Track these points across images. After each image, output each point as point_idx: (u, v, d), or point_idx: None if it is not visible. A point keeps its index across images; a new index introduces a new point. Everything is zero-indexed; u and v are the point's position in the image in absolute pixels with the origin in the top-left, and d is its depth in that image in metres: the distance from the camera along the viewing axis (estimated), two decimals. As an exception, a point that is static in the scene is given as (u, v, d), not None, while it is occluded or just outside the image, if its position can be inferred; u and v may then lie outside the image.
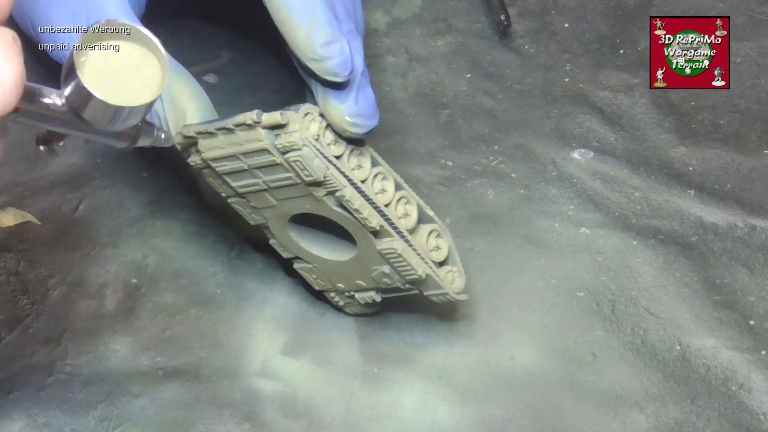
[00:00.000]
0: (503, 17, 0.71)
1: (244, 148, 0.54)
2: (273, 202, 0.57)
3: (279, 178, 0.55)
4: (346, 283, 0.60)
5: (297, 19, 0.53)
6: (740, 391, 0.59)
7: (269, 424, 0.58)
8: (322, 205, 0.56)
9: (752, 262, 0.63)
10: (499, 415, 0.59)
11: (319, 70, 0.54)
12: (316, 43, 0.53)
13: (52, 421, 0.58)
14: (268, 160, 0.54)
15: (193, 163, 0.56)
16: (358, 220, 0.55)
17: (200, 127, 0.55)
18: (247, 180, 0.56)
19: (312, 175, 0.54)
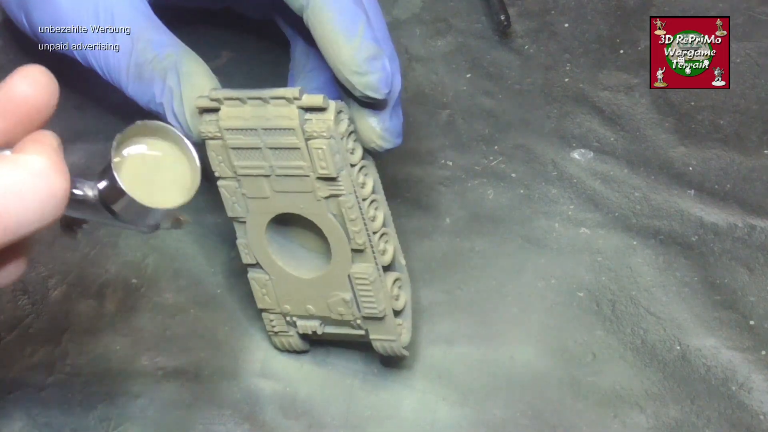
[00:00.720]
0: (503, 17, 0.71)
1: (269, 123, 0.54)
2: (267, 194, 0.55)
3: (290, 166, 0.54)
4: (295, 305, 0.58)
5: (343, 32, 0.54)
6: (740, 391, 0.59)
7: (269, 424, 0.58)
8: (316, 208, 0.55)
9: (752, 262, 0.63)
10: (499, 415, 0.59)
11: (360, 84, 0.54)
12: (361, 57, 0.54)
13: (52, 421, 0.58)
14: (289, 142, 0.54)
15: (203, 132, 0.55)
16: (346, 234, 0.55)
17: (232, 93, 0.54)
18: (253, 161, 0.55)
19: (328, 168, 0.54)
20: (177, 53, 0.56)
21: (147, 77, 0.56)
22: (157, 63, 0.56)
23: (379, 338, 0.58)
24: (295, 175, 0.54)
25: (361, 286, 0.56)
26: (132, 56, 0.57)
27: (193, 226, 0.64)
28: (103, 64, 0.58)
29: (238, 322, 0.61)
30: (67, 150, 0.65)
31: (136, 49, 0.56)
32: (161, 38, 0.57)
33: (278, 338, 0.60)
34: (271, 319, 0.59)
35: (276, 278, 0.58)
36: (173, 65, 0.56)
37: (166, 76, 0.56)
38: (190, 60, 0.56)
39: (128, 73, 0.57)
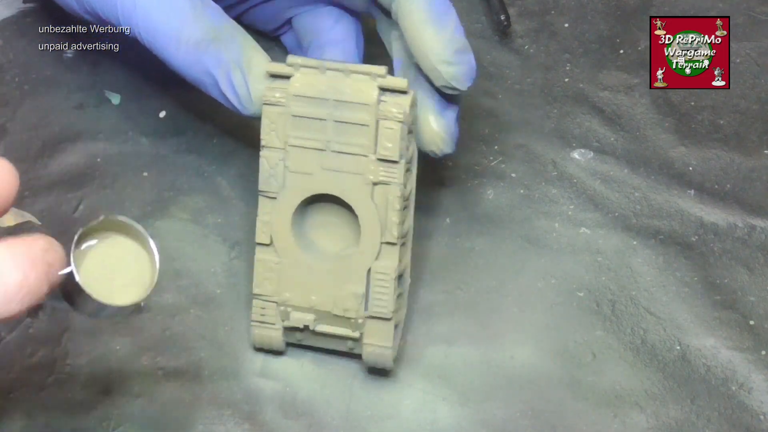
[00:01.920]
0: (503, 17, 0.71)
1: (344, 96, 0.54)
2: (313, 169, 0.55)
3: (350, 143, 0.55)
4: (297, 294, 0.57)
5: (436, 22, 0.56)
6: (740, 391, 0.59)
7: (269, 424, 0.58)
8: (361, 192, 0.55)
9: (752, 262, 0.63)
10: (499, 415, 0.59)
11: (448, 74, 0.56)
12: (452, 48, 0.56)
13: (52, 421, 0.58)
14: (359, 118, 0.54)
15: (266, 96, 0.55)
16: (383, 225, 0.55)
17: (312, 61, 0.55)
18: (312, 132, 0.55)
19: (392, 150, 0.54)
20: (231, 26, 0.57)
21: (202, 47, 0.56)
22: (213, 33, 0.56)
23: (373, 343, 0.57)
24: (353, 153, 0.55)
25: (380, 283, 0.56)
26: (185, 27, 0.57)
27: (194, 226, 0.64)
28: (152, 35, 0.57)
29: (238, 322, 0.61)
30: (67, 150, 0.65)
31: (189, 19, 0.56)
32: (213, 12, 0.57)
33: (260, 330, 0.58)
34: (262, 307, 0.58)
35: (287, 262, 0.57)
36: (229, 37, 0.56)
37: (221, 48, 0.56)
38: (245, 34, 0.57)
39: (181, 42, 0.57)
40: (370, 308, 0.57)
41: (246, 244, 0.63)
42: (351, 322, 0.57)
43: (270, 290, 0.57)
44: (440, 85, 0.57)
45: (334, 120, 0.55)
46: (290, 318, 0.57)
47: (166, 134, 0.67)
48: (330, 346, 0.58)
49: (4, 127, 0.66)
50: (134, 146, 0.66)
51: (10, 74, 0.68)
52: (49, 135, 0.66)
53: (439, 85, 0.57)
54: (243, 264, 0.63)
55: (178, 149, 0.66)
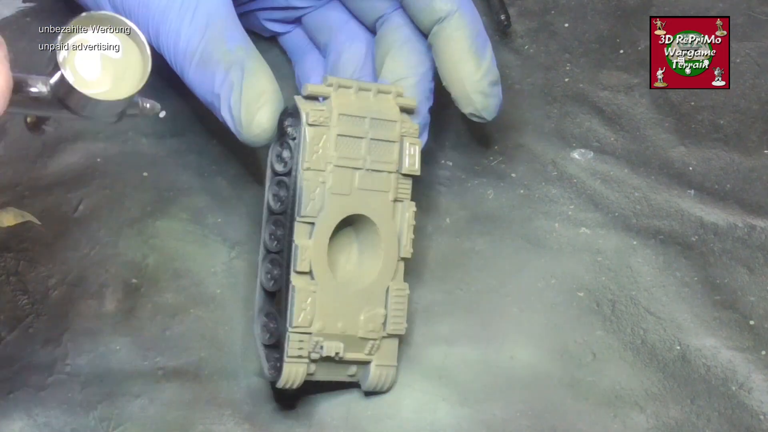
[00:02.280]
0: (503, 17, 0.71)
1: (376, 113, 0.56)
2: (350, 189, 0.56)
3: (382, 160, 0.56)
4: (326, 322, 0.56)
5: (477, 53, 0.60)
6: (740, 391, 0.59)
7: (269, 424, 0.58)
8: (386, 210, 0.57)
9: (752, 262, 0.63)
10: (499, 415, 0.59)
11: (481, 104, 0.60)
12: (487, 80, 0.60)
13: (52, 421, 0.58)
14: (389, 135, 0.57)
15: (314, 117, 0.55)
16: (400, 241, 0.57)
17: (349, 81, 0.57)
18: (353, 151, 0.56)
19: (416, 166, 0.57)
20: (246, 50, 0.57)
21: (211, 66, 0.57)
22: (226, 55, 0.57)
23: (383, 364, 0.58)
24: (383, 170, 0.57)
25: (397, 300, 0.57)
26: (202, 43, 0.57)
27: (194, 226, 0.64)
28: (173, 47, 0.58)
29: (238, 322, 0.61)
30: (67, 150, 0.65)
31: (208, 38, 0.57)
32: (234, 33, 0.57)
33: (292, 366, 0.56)
34: (300, 340, 0.56)
35: (321, 289, 0.56)
36: (240, 60, 0.56)
37: (230, 69, 0.56)
38: (257, 60, 0.57)
39: (194, 58, 0.57)
40: (389, 326, 0.57)
41: (246, 244, 0.63)
42: (369, 345, 0.57)
43: (307, 321, 0.56)
44: (468, 113, 0.60)
45: (370, 138, 0.56)
46: (324, 348, 0.56)
47: (166, 134, 0.67)
48: (335, 377, 0.58)
49: (4, 127, 0.66)
50: (134, 146, 0.66)
51: (10, 74, 0.68)
52: (49, 135, 0.66)
53: (467, 112, 0.60)
54: (243, 264, 0.63)
55: (178, 149, 0.66)
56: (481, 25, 0.60)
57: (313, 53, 0.67)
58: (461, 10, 0.60)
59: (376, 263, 0.57)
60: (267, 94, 0.56)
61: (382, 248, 0.57)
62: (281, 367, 0.55)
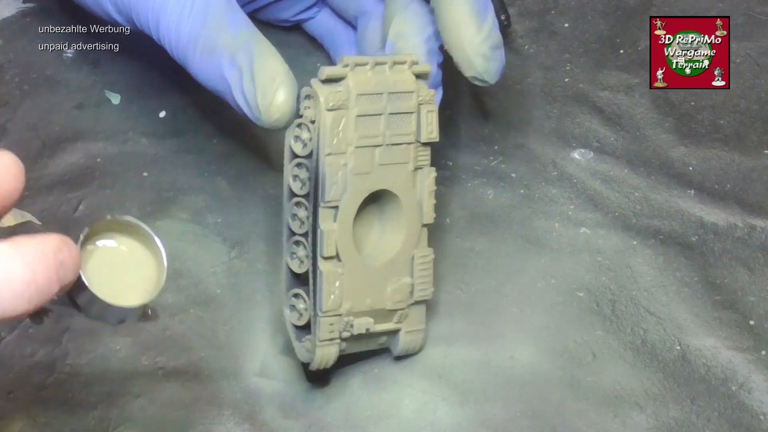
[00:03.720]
0: (503, 17, 0.71)
1: (393, 87, 0.56)
2: (371, 167, 0.55)
3: (401, 132, 0.56)
4: (355, 301, 0.56)
5: (476, 16, 0.58)
6: (740, 391, 0.59)
7: (269, 424, 0.58)
8: (407, 181, 0.56)
9: (752, 262, 0.63)
10: (499, 415, 0.59)
11: (482, 67, 0.58)
12: (489, 44, 0.58)
13: (52, 421, 0.58)
14: (407, 107, 0.56)
15: (331, 101, 0.54)
16: (422, 208, 0.57)
17: (360, 58, 0.56)
18: (372, 129, 0.55)
19: (434, 133, 0.57)
20: (250, 34, 0.56)
21: (217, 53, 0.56)
22: (230, 40, 0.56)
23: (412, 329, 0.58)
24: (403, 143, 0.56)
25: (422, 267, 0.57)
26: (204, 31, 0.56)
27: (194, 226, 0.64)
28: (174, 37, 0.57)
29: (238, 322, 0.61)
30: (67, 150, 0.65)
31: (210, 25, 0.56)
32: (236, 17, 0.57)
33: (325, 348, 0.56)
34: (330, 323, 0.56)
35: (349, 270, 0.56)
36: (245, 44, 0.56)
37: (237, 54, 0.56)
38: (263, 42, 0.56)
39: (197, 47, 0.56)
40: (415, 293, 0.57)
41: (246, 244, 0.63)
42: (398, 314, 0.58)
43: (336, 304, 0.56)
44: (470, 76, 0.59)
45: (389, 113, 0.56)
46: (354, 327, 0.56)
47: (166, 134, 0.67)
48: (366, 348, 0.58)
49: (4, 127, 0.66)
50: (134, 146, 0.66)
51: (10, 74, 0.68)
52: (49, 135, 0.66)
53: (468, 75, 0.59)
54: (243, 264, 0.63)
55: (178, 149, 0.66)
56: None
57: (346, 30, 0.66)
58: None
59: (399, 234, 0.57)
60: (280, 75, 0.55)
61: (404, 218, 0.57)
62: (314, 350, 0.56)
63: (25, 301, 0.41)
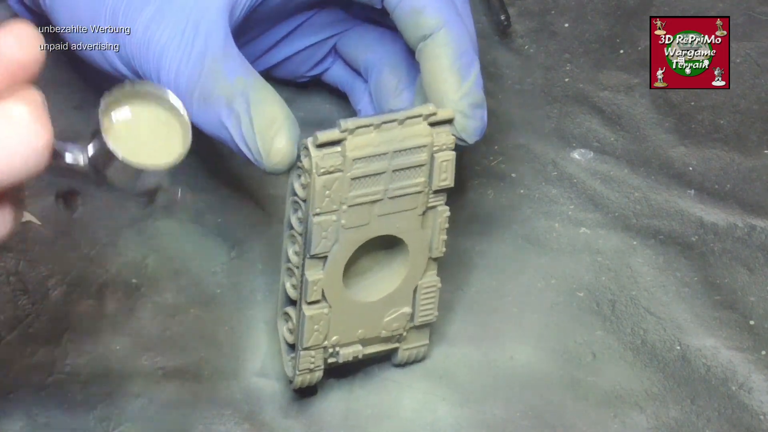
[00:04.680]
0: (503, 17, 0.71)
1: (401, 144, 0.53)
2: (369, 219, 0.54)
3: (408, 185, 0.54)
4: (344, 333, 0.56)
5: (458, 73, 0.56)
6: (740, 391, 0.59)
7: (269, 424, 0.58)
8: (413, 224, 0.55)
9: (752, 262, 0.63)
10: (499, 415, 0.59)
11: (460, 125, 0.55)
12: (468, 101, 0.56)
13: (52, 421, 0.58)
14: (418, 160, 0.54)
15: (322, 166, 0.52)
16: (431, 244, 0.56)
17: (364, 121, 0.53)
18: (371, 188, 0.53)
19: (448, 180, 0.55)
20: (247, 80, 0.55)
21: (213, 101, 0.55)
22: (226, 89, 0.55)
23: (413, 346, 0.58)
24: (410, 193, 0.54)
25: (427, 295, 0.57)
26: (200, 80, 0.55)
27: (194, 226, 0.64)
28: (173, 87, 0.56)
29: (238, 322, 0.61)
30: (67, 150, 0.65)
31: (206, 73, 0.55)
32: (232, 64, 0.55)
33: (306, 377, 0.57)
34: (312, 356, 0.56)
35: (337, 309, 0.55)
36: (241, 91, 0.54)
37: (233, 102, 0.54)
38: (261, 87, 0.55)
39: (194, 96, 0.55)
40: (417, 319, 0.57)
41: (246, 244, 0.63)
42: (395, 338, 0.57)
43: (319, 340, 0.56)
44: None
45: (393, 170, 0.53)
46: (339, 355, 0.56)
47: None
48: (370, 358, 0.58)
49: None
50: (134, 146, 0.66)
51: None
52: (49, 135, 0.66)
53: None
54: (243, 264, 0.63)
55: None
56: (470, 44, 0.58)
57: (362, 79, 0.66)
58: (447, 27, 0.57)
59: (402, 269, 0.56)
60: (279, 119, 0.54)
61: (409, 256, 0.56)
62: (294, 373, 0.56)
63: (31, 160, 0.41)
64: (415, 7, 0.57)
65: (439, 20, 0.57)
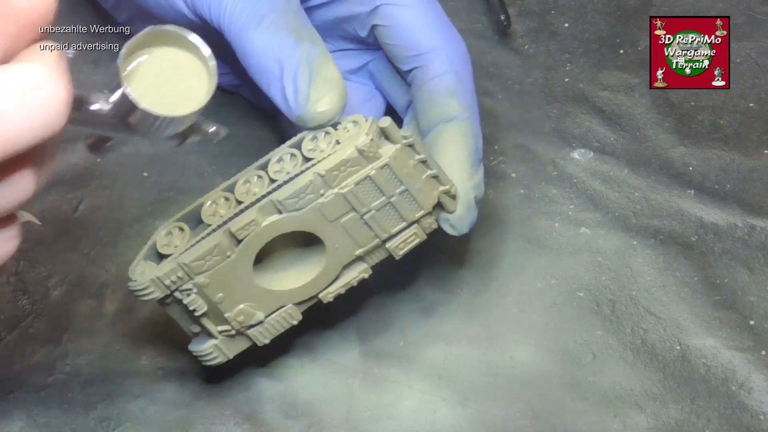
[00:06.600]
0: (503, 17, 0.71)
1: (414, 189, 0.55)
2: (333, 218, 0.55)
3: (380, 223, 0.55)
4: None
5: (473, 164, 0.58)
6: (740, 391, 0.59)
7: (269, 424, 0.58)
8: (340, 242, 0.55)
9: (752, 262, 0.63)
10: (499, 415, 0.59)
11: (459, 215, 0.57)
12: (476, 192, 0.58)
13: (52, 421, 0.58)
14: (406, 212, 0.56)
15: (363, 146, 0.53)
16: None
17: (418, 148, 0.55)
18: (366, 197, 0.54)
19: (399, 253, 0.57)
20: (315, 34, 0.56)
21: (281, 33, 0.55)
22: (300, 26, 0.55)
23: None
24: (372, 232, 0.56)
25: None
26: (275, 10, 0.55)
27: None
28: (238, 8, 0.56)
29: (238, 322, 0.61)
30: (67, 150, 0.65)
31: (280, 7, 0.55)
32: (307, 20, 0.56)
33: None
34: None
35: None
36: (313, 37, 0.55)
37: (301, 42, 0.54)
38: (326, 50, 0.55)
39: (262, 23, 0.55)
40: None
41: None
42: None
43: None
44: (442, 218, 0.58)
45: (390, 201, 0.55)
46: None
47: (166, 134, 0.67)
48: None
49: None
50: (134, 146, 0.66)
51: None
52: (49, 135, 0.66)
53: (442, 218, 0.58)
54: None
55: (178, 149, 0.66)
56: (481, 144, 0.59)
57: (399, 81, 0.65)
58: (470, 120, 0.59)
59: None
60: (336, 79, 0.55)
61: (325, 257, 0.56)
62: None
63: (51, 118, 0.40)
64: (450, 87, 0.59)
65: (466, 111, 0.59)
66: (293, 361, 0.60)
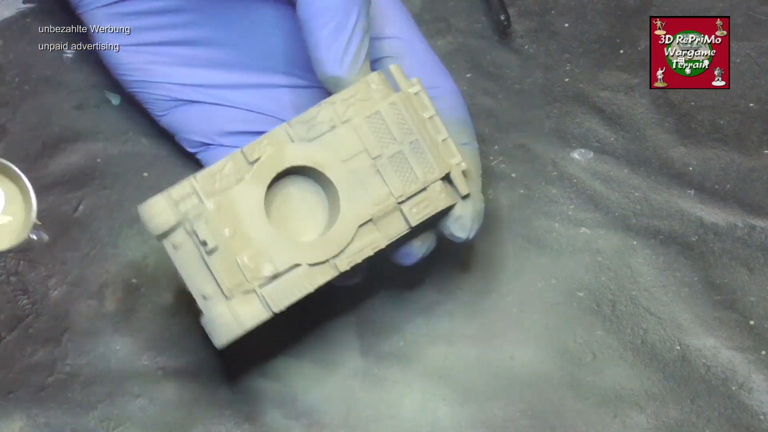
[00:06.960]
0: (503, 17, 0.71)
1: (426, 139, 0.57)
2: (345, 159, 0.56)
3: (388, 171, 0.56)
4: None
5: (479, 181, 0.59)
6: (740, 391, 0.59)
7: (269, 424, 0.58)
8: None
9: (752, 262, 0.63)
10: (499, 415, 0.59)
11: (454, 232, 0.58)
12: (476, 225, 0.59)
13: (52, 421, 0.58)
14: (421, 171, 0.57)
15: (377, 86, 0.56)
16: None
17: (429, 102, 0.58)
18: (378, 135, 0.56)
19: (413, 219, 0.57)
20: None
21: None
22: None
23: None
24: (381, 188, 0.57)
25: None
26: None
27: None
28: None
29: (238, 322, 0.61)
30: (67, 150, 0.65)
31: None
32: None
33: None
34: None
35: None
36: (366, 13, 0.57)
37: (362, 13, 0.56)
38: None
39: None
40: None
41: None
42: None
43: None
44: (446, 233, 0.58)
45: (398, 150, 0.56)
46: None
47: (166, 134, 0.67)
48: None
49: (4, 127, 0.66)
50: (134, 146, 0.66)
51: (10, 74, 0.68)
52: (49, 135, 0.66)
53: (446, 233, 0.58)
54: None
55: (178, 149, 0.66)
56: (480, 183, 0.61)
57: None
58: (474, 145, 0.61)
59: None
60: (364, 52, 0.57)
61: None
62: None
63: None
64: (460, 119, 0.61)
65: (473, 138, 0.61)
66: (293, 361, 0.60)
